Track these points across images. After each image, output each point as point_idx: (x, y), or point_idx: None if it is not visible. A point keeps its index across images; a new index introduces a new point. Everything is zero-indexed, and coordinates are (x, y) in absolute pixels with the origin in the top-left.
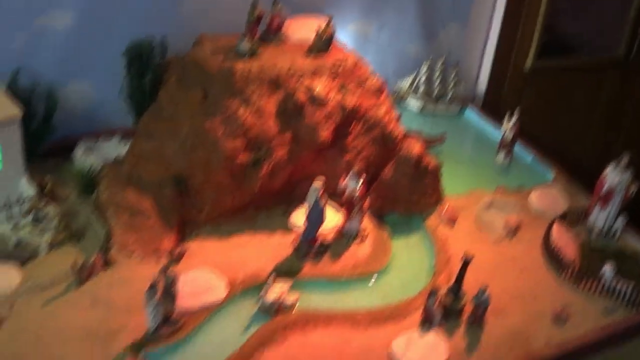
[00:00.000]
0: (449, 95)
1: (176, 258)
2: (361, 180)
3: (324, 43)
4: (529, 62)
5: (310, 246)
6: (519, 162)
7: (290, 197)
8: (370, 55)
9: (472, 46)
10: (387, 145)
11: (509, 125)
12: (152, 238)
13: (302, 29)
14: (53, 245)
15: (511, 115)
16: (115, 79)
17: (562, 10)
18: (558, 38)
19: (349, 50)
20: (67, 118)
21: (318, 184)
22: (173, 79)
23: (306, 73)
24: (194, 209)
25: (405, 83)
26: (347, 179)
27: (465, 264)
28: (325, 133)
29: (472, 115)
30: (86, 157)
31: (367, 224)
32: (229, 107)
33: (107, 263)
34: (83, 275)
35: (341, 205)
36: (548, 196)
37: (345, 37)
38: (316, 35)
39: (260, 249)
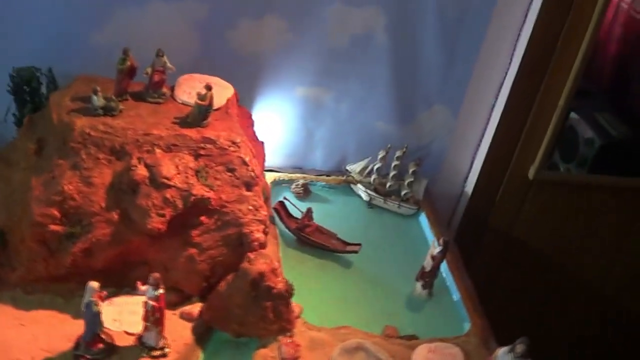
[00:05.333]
0: (404, 193)
1: None
2: (160, 290)
3: (199, 113)
4: (533, 169)
5: (87, 349)
6: (441, 299)
7: (124, 279)
8: (325, 127)
9: (461, 138)
10: (243, 249)
11: (434, 251)
12: None
13: (197, 90)
14: None
15: (439, 239)
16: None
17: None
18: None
19: (235, 127)
20: None
21: (94, 284)
22: (28, 119)
23: (160, 146)
24: (7, 265)
25: (357, 166)
26: (146, 284)
27: None
28: (156, 220)
29: (426, 223)
30: None
31: (179, 337)
32: (56, 167)
33: None
34: None
35: None
36: (441, 356)
37: (291, 101)
38: (195, 102)
39: (45, 334)
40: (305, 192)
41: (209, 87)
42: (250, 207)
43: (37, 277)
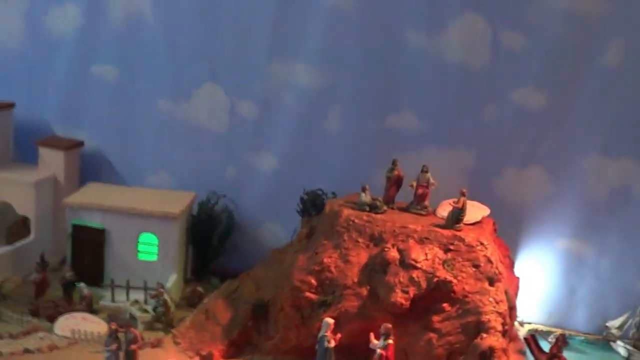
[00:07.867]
0: None
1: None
2: (389, 340)
3: (453, 216)
4: None
5: None
6: None
7: None
8: (586, 285)
9: None
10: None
11: None
12: (205, 340)
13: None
14: (150, 326)
15: None
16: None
17: None
18: None
19: (485, 235)
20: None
21: (329, 320)
22: (307, 218)
23: (414, 237)
24: (264, 334)
25: (616, 322)
26: (379, 336)
27: None
28: (400, 296)
29: None
30: None
31: None
32: (321, 246)
33: (158, 344)
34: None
35: None
36: None
37: (552, 253)
38: (451, 205)
39: None
40: (562, 345)
41: (463, 193)
42: (491, 299)
43: (289, 348)
